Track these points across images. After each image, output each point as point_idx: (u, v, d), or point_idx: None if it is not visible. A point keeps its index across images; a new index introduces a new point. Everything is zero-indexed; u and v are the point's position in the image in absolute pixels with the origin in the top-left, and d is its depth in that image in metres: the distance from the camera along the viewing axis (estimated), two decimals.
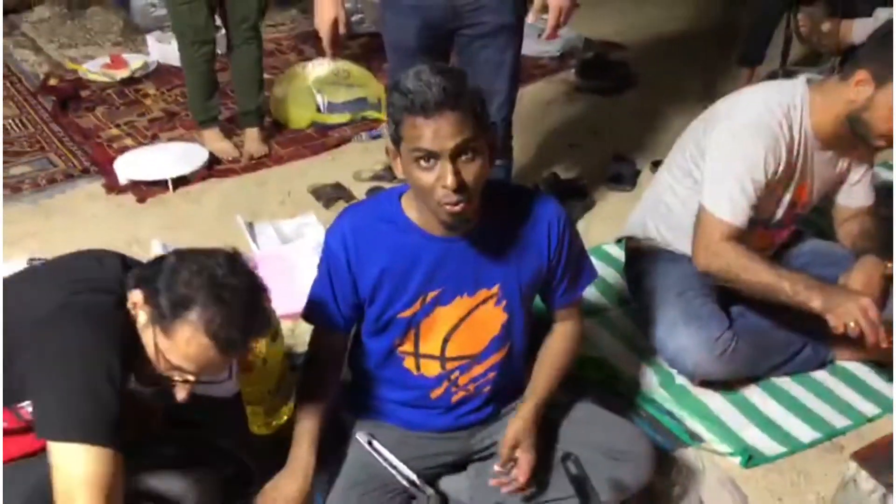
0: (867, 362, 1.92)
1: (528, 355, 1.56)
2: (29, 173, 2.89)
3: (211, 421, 1.66)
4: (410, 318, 1.42)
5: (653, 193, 2.01)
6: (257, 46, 2.86)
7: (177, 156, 2.87)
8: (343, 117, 3.19)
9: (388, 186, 2.75)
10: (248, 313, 1.19)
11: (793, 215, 1.86)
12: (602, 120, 3.30)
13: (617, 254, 2.26)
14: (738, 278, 1.70)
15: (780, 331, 1.86)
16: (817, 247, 1.99)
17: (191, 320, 1.15)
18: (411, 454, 1.52)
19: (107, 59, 3.69)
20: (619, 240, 2.14)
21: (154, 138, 3.12)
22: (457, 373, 1.48)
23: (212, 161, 2.88)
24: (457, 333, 1.45)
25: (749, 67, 3.16)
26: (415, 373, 1.49)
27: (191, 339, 1.16)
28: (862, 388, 1.88)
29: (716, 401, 1.83)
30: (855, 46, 2.77)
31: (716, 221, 1.69)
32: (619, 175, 2.76)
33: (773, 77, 2.79)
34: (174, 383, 1.23)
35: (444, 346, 1.46)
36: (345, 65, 3.35)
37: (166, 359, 1.19)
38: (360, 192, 2.74)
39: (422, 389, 1.50)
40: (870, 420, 1.79)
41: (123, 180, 2.78)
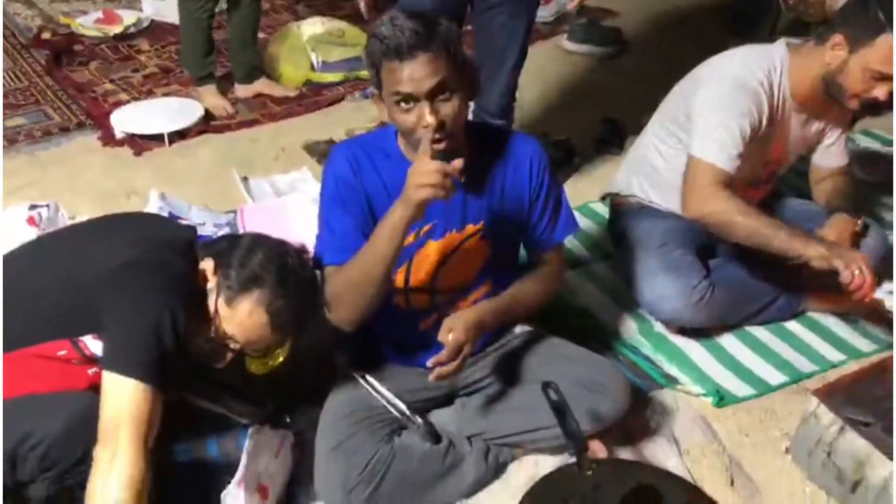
0: (835, 313, 2.02)
1: None
2: (24, 126, 2.91)
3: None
4: (404, 250, 1.46)
5: (637, 152, 2.08)
6: (258, 7, 2.90)
7: (172, 110, 2.91)
8: (337, 76, 3.22)
9: None
10: (305, 304, 1.35)
11: (769, 173, 1.94)
12: (593, 84, 3.35)
13: (602, 210, 2.33)
14: (731, 220, 1.70)
15: (755, 282, 1.94)
16: (793, 204, 2.07)
17: (256, 296, 1.31)
18: (401, 388, 1.58)
19: (100, 14, 3.70)
20: (604, 197, 2.21)
21: (149, 94, 3.14)
22: (446, 305, 1.55)
23: (207, 117, 2.92)
24: (446, 266, 1.51)
25: (740, 35, 3.21)
26: (403, 306, 1.55)
27: (251, 312, 1.31)
28: (830, 336, 1.98)
29: (692, 346, 1.92)
30: None
31: (707, 166, 1.73)
32: (607, 138, 2.82)
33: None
34: (220, 349, 1.35)
35: (433, 279, 1.52)
36: (339, 24, 3.37)
37: (221, 327, 1.32)
38: None
39: (412, 322, 1.57)
40: (835, 366, 1.89)
41: (119, 134, 2.81)
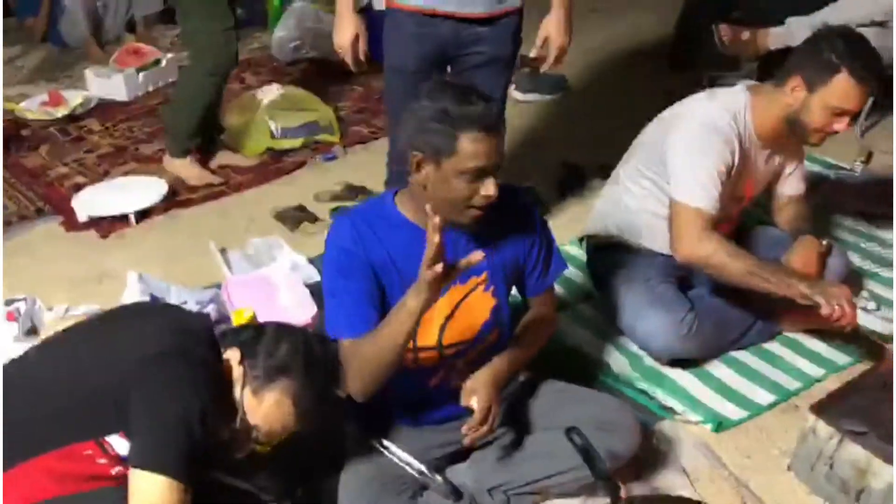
0: (809, 332, 2.13)
1: None
2: None
3: None
4: None
5: (610, 194, 2.17)
6: None
7: (135, 189, 2.89)
8: (296, 142, 3.24)
9: (351, 205, 2.85)
10: (329, 391, 1.37)
11: (740, 209, 2.06)
12: (545, 131, 3.46)
13: (576, 253, 2.41)
14: (722, 264, 1.80)
15: (734, 309, 2.04)
16: (760, 232, 2.20)
17: (283, 387, 1.31)
18: (415, 448, 1.60)
19: (44, 97, 3.65)
20: (581, 239, 2.30)
21: (105, 174, 3.11)
22: (454, 360, 1.58)
23: (171, 193, 2.91)
24: (452, 321, 1.55)
25: (678, 73, 3.43)
26: (412, 366, 1.56)
27: (279, 403, 1.31)
28: (808, 353, 2.09)
29: (683, 376, 2.00)
30: (770, 52, 3.06)
31: (693, 212, 1.82)
32: (569, 181, 2.92)
33: (698, 83, 3.04)
34: (242, 439, 1.33)
35: (440, 335, 1.55)
36: (294, 90, 3.43)
37: (244, 418, 1.31)
38: (322, 212, 2.81)
39: (420, 380, 1.59)
40: (818, 381, 2.00)
41: (83, 217, 2.77)
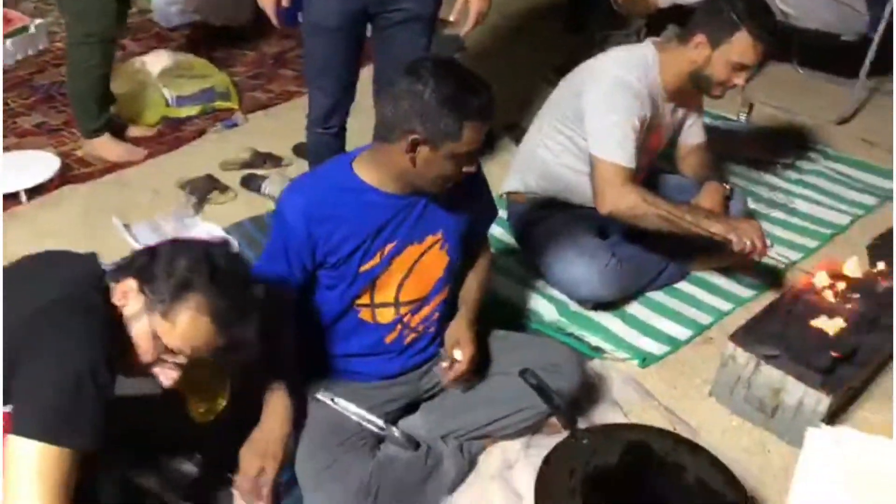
0: (715, 270, 2.30)
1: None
2: None
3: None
4: (370, 272, 1.55)
5: (526, 151, 2.25)
6: None
7: (24, 165, 2.69)
8: (193, 109, 3.12)
9: (261, 172, 2.78)
10: (245, 297, 1.28)
11: (649, 160, 2.19)
12: None
13: None
14: (644, 213, 1.91)
15: (648, 254, 2.18)
16: (668, 180, 2.34)
17: (193, 302, 1.22)
18: (368, 404, 1.64)
19: None
20: (500, 195, 2.36)
21: None
22: (409, 315, 1.63)
23: (64, 167, 2.74)
24: (409, 279, 1.59)
25: (574, 33, 3.54)
26: (370, 322, 1.61)
27: (193, 319, 1.22)
28: (716, 290, 2.27)
29: (607, 318, 2.13)
30: (661, 10, 3.23)
31: (612, 167, 1.93)
32: None
33: (592, 43, 3.16)
34: (161, 370, 1.27)
35: (397, 293, 1.60)
36: (185, 56, 3.28)
37: (163, 343, 1.24)
38: (232, 181, 2.73)
39: (377, 335, 1.63)
40: (727, 314, 2.17)
41: None
